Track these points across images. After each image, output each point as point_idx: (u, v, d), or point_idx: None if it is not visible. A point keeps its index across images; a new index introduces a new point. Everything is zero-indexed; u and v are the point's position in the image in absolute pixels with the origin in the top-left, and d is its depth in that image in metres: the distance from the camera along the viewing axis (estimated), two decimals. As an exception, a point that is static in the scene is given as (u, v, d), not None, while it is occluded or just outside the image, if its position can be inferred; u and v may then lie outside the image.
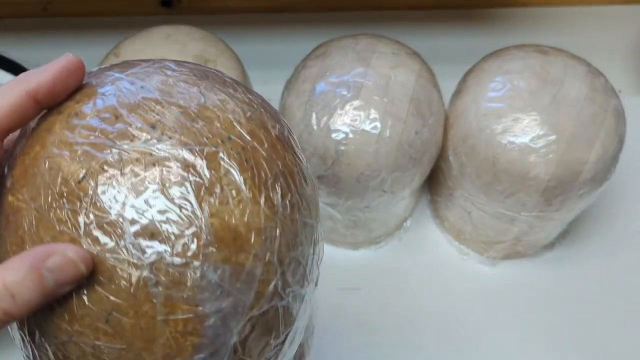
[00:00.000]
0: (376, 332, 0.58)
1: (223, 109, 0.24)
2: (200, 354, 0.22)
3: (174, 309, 0.21)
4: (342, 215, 0.57)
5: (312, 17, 0.81)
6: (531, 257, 0.62)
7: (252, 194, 0.22)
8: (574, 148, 0.49)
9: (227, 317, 0.22)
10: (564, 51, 0.54)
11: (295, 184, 0.24)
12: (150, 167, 0.22)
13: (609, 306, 0.59)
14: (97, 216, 0.21)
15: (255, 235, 0.22)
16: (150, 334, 0.21)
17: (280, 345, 0.25)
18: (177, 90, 0.24)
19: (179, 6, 0.80)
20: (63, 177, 0.22)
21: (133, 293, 0.21)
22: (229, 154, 0.22)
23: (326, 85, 0.51)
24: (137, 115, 0.23)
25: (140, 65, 0.25)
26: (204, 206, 0.21)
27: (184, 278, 0.21)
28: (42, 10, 0.80)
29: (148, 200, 0.21)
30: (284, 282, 0.23)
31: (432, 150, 0.54)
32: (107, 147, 0.22)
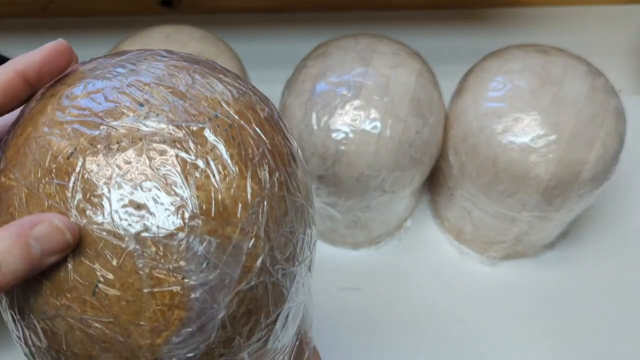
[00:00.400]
0: (376, 332, 0.58)
1: (211, 90, 0.24)
2: (187, 328, 0.22)
3: (159, 281, 0.21)
4: (342, 215, 0.57)
5: (312, 17, 0.81)
6: (531, 257, 0.62)
7: (238, 169, 0.23)
8: (574, 148, 0.49)
9: (214, 290, 0.22)
10: (564, 51, 0.54)
11: (283, 163, 0.25)
12: (138, 142, 0.22)
13: (609, 306, 0.59)
14: (85, 189, 0.22)
15: (242, 209, 0.22)
16: (137, 306, 0.21)
17: (272, 326, 0.25)
18: (166, 72, 0.25)
19: (179, 6, 0.80)
20: (52, 154, 0.22)
21: (119, 265, 0.21)
22: (216, 131, 0.23)
23: (326, 85, 0.51)
24: (126, 94, 0.23)
25: (132, 53, 0.26)
26: (190, 180, 0.22)
27: (170, 250, 0.21)
28: (42, 10, 0.80)
29: (134, 173, 0.22)
30: (272, 258, 0.23)
31: (433, 150, 0.54)
32: (96, 124, 0.22)
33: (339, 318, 0.58)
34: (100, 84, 0.24)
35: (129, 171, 0.22)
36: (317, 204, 0.57)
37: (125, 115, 0.23)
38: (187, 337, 0.22)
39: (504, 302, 0.60)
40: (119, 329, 0.21)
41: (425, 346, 0.57)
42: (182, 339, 0.22)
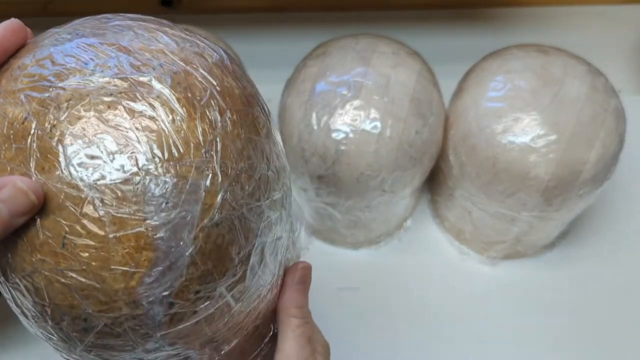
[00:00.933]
0: (376, 332, 0.58)
1: (156, 42, 0.25)
2: (157, 267, 0.23)
3: (123, 225, 0.22)
4: (342, 215, 0.57)
5: (312, 17, 0.81)
6: (531, 257, 0.62)
7: (186, 112, 0.24)
8: (574, 148, 0.49)
9: (177, 228, 0.23)
10: (564, 51, 0.54)
11: (235, 103, 0.25)
12: (85, 98, 0.23)
13: (609, 306, 0.59)
14: (41, 149, 0.23)
15: (194, 149, 0.23)
16: (105, 252, 0.22)
17: (246, 261, 0.25)
18: (111, 32, 0.26)
19: (179, 6, 0.80)
20: (9, 122, 0.23)
21: (81, 214, 0.22)
22: (160, 78, 0.24)
23: (326, 85, 0.51)
24: (72, 56, 0.24)
25: (80, 19, 0.28)
26: (139, 126, 0.23)
27: (128, 194, 0.22)
28: (42, 10, 0.79)
29: (85, 127, 0.23)
30: (233, 194, 0.24)
31: (432, 150, 0.54)
32: (45, 88, 0.24)
33: (338, 318, 0.58)
34: (47, 51, 0.25)
35: (80, 126, 0.23)
36: (317, 204, 0.57)
37: (72, 75, 0.24)
38: (158, 276, 0.23)
39: (504, 302, 0.60)
40: (92, 276, 0.22)
41: (425, 346, 0.57)
42: (154, 279, 0.23)
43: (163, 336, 0.24)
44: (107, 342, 0.24)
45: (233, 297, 0.26)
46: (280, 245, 0.29)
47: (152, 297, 0.23)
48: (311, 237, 0.38)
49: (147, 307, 0.23)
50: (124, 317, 0.23)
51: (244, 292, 0.26)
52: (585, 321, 0.58)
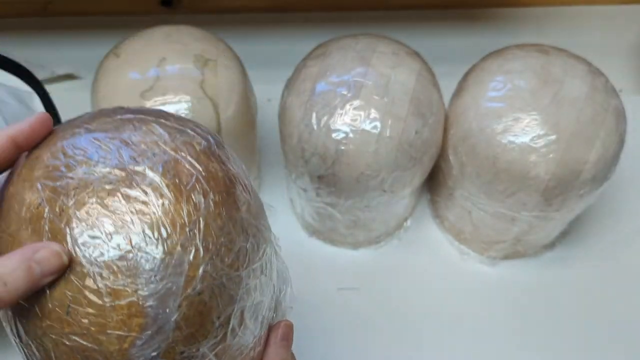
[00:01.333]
0: (376, 332, 0.58)
1: (151, 134, 0.30)
2: (147, 331, 0.26)
3: (118, 296, 0.26)
4: (342, 215, 0.57)
5: (312, 17, 0.81)
6: (531, 257, 0.62)
7: (174, 196, 0.27)
8: (575, 148, 0.49)
9: (164, 297, 0.26)
10: (565, 51, 0.54)
11: (218, 185, 0.29)
12: (90, 186, 0.27)
13: (609, 306, 0.59)
14: (52, 230, 0.27)
15: (179, 228, 0.27)
16: (102, 319, 0.26)
17: (226, 324, 0.29)
18: (113, 126, 0.30)
19: (179, 6, 0.80)
20: (26, 206, 0.28)
21: (83, 286, 0.26)
22: (153, 167, 0.28)
23: (326, 85, 0.51)
24: (80, 149, 0.29)
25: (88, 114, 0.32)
26: (133, 210, 0.27)
27: (122, 269, 0.26)
28: (42, 10, 0.79)
29: (88, 212, 0.27)
30: (214, 266, 0.28)
31: (432, 150, 0.54)
32: (57, 177, 0.28)
33: (339, 317, 0.58)
34: (60, 144, 0.29)
35: (84, 211, 0.27)
36: (317, 204, 0.57)
37: (80, 166, 0.28)
38: (148, 339, 0.26)
39: (503, 301, 0.60)
40: (91, 339, 0.26)
41: (425, 345, 0.57)
42: (144, 341, 0.26)
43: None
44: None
45: (216, 356, 0.29)
46: (261, 308, 0.32)
47: (143, 357, 0.27)
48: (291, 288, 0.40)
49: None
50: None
51: (225, 351, 0.29)
52: (585, 321, 0.58)
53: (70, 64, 0.74)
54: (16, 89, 0.60)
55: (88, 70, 0.64)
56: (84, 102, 0.60)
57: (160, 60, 0.53)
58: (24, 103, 0.59)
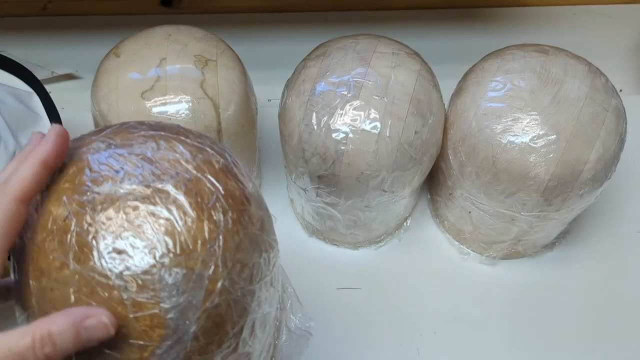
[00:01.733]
0: (376, 331, 0.58)
1: (173, 152, 0.31)
2: (167, 341, 0.27)
3: (141, 307, 0.27)
4: (342, 215, 0.57)
5: (312, 17, 0.81)
6: (531, 257, 0.62)
7: (196, 214, 0.28)
8: (575, 148, 0.49)
9: (184, 310, 0.27)
10: (565, 50, 0.54)
11: (236, 203, 0.30)
12: (115, 202, 0.28)
13: (609, 306, 0.59)
14: (78, 243, 0.27)
15: (201, 245, 0.28)
16: (126, 329, 0.27)
17: (239, 334, 0.30)
18: (136, 142, 0.31)
19: (179, 6, 0.80)
20: (53, 218, 0.28)
21: (109, 297, 0.27)
22: (176, 185, 0.29)
23: (326, 85, 0.51)
24: (105, 165, 0.29)
25: (110, 128, 0.33)
26: (158, 227, 0.28)
27: (146, 283, 0.27)
28: (42, 9, 0.80)
29: (114, 226, 0.28)
30: (231, 281, 0.29)
31: (432, 150, 0.54)
32: (84, 192, 0.29)
33: (339, 317, 0.58)
34: (85, 158, 0.30)
35: (110, 225, 0.28)
36: (317, 204, 0.57)
37: (106, 182, 0.29)
38: (167, 349, 0.28)
39: (503, 301, 0.60)
40: (115, 349, 0.27)
41: (424, 345, 0.57)
42: (164, 351, 0.28)
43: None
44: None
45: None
46: (268, 318, 0.34)
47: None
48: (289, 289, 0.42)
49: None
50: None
51: (236, 359, 0.31)
52: (585, 321, 0.58)
53: (70, 64, 0.74)
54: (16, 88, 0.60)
55: (88, 70, 0.64)
56: (84, 102, 0.60)
57: (161, 60, 0.53)
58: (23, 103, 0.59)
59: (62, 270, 0.28)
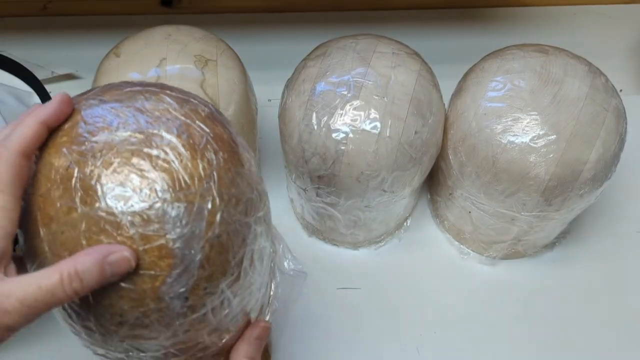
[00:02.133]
0: (376, 331, 0.58)
1: (161, 102, 0.33)
2: (175, 270, 0.30)
3: (149, 240, 0.29)
4: (342, 215, 0.57)
5: (312, 17, 0.81)
6: (531, 257, 0.62)
7: (190, 154, 0.31)
8: (575, 148, 0.49)
9: (189, 240, 0.30)
10: (565, 50, 0.54)
11: (225, 145, 0.33)
12: (114, 148, 0.30)
13: (609, 306, 0.59)
14: (83, 188, 0.29)
15: (197, 182, 0.30)
16: (138, 261, 0.29)
17: (240, 264, 0.33)
18: (126, 97, 0.33)
19: (179, 6, 0.80)
20: (55, 170, 0.30)
21: (118, 234, 0.29)
22: (169, 130, 0.31)
23: (326, 85, 0.51)
24: (99, 117, 0.32)
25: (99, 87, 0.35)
26: (156, 167, 0.30)
27: (151, 216, 0.29)
28: (42, 10, 0.80)
29: (116, 169, 0.30)
30: (228, 213, 0.31)
31: (432, 150, 0.54)
32: (82, 142, 0.31)
33: (339, 317, 0.58)
34: (78, 114, 0.32)
35: (112, 169, 0.30)
36: (317, 203, 0.57)
37: (102, 132, 0.31)
38: (177, 277, 0.30)
39: (503, 301, 0.60)
40: (127, 280, 0.29)
41: (425, 345, 0.57)
42: (174, 279, 0.30)
43: (180, 324, 0.32)
44: (137, 332, 0.31)
45: (232, 293, 0.33)
46: (265, 253, 0.36)
47: (172, 293, 0.30)
48: (295, 259, 0.44)
49: (168, 302, 0.30)
50: (151, 310, 0.30)
51: (239, 288, 0.33)
52: (585, 321, 0.59)
53: (70, 64, 0.74)
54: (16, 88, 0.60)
55: (88, 70, 0.64)
56: (84, 102, 0.60)
57: (161, 60, 0.53)
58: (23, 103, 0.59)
59: (71, 214, 0.29)
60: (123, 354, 0.34)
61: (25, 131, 0.31)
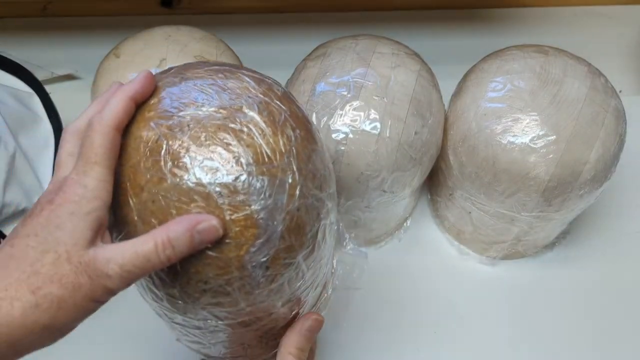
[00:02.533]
0: (376, 331, 0.58)
1: (241, 81, 0.34)
2: (259, 240, 0.31)
3: (236, 210, 0.31)
4: (342, 215, 0.57)
5: (312, 17, 0.81)
6: (531, 257, 0.62)
7: (271, 130, 0.32)
8: (574, 148, 0.49)
9: (272, 212, 0.31)
10: (564, 51, 0.54)
11: (301, 123, 0.34)
12: (200, 122, 0.32)
13: (609, 306, 0.59)
14: (172, 159, 0.31)
15: (279, 156, 0.32)
16: (225, 230, 0.30)
17: (314, 237, 0.34)
18: (206, 75, 0.34)
19: (179, 6, 0.80)
20: (144, 143, 0.32)
21: (207, 204, 0.30)
22: (250, 107, 0.33)
23: (326, 86, 0.51)
24: (185, 93, 0.33)
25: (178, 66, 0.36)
26: (240, 141, 0.31)
27: (237, 188, 0.31)
28: (41, 10, 0.80)
29: (202, 143, 0.31)
30: (306, 187, 0.33)
31: (432, 151, 0.54)
32: (169, 117, 0.32)
33: (339, 317, 0.58)
34: (164, 91, 0.34)
35: (199, 142, 0.31)
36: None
37: (188, 107, 0.32)
38: (260, 246, 0.31)
39: (503, 301, 0.60)
40: (214, 248, 0.31)
41: (425, 345, 0.57)
42: (257, 249, 0.31)
43: (259, 294, 0.33)
44: (219, 299, 0.33)
45: (306, 265, 0.34)
46: (332, 229, 0.38)
47: (255, 262, 0.31)
48: None
49: (251, 270, 0.32)
50: (234, 278, 0.32)
51: (312, 261, 0.35)
52: (585, 321, 0.59)
53: (70, 64, 0.74)
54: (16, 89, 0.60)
55: (88, 71, 0.64)
56: (84, 103, 0.60)
57: (161, 60, 0.53)
58: (24, 104, 0.59)
59: (161, 184, 0.31)
60: (201, 321, 0.35)
61: (116, 106, 0.32)
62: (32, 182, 0.56)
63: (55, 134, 0.59)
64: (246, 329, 0.36)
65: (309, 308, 0.41)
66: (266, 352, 0.42)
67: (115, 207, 0.32)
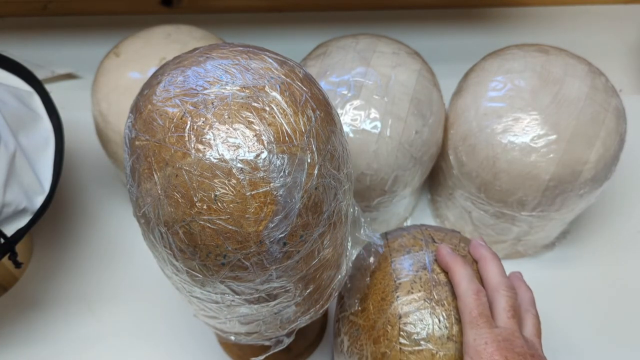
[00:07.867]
0: (376, 332, 0.58)
1: (264, 62, 0.35)
2: (277, 216, 0.32)
3: (256, 186, 0.31)
4: (342, 215, 0.57)
5: (312, 17, 0.81)
6: (531, 257, 0.62)
7: (292, 110, 0.33)
8: (575, 147, 0.49)
9: (291, 189, 0.32)
10: (565, 50, 0.54)
11: (321, 104, 0.35)
12: (224, 100, 0.32)
13: (609, 306, 0.59)
14: (197, 135, 0.32)
15: (299, 135, 0.33)
16: (244, 205, 0.31)
17: (331, 216, 0.35)
18: (230, 55, 0.35)
19: (179, 5, 0.80)
20: (169, 118, 0.33)
21: (228, 179, 0.31)
22: (272, 87, 0.34)
23: (327, 85, 0.51)
24: (210, 72, 0.34)
25: (203, 47, 0.37)
26: (262, 119, 0.32)
27: (258, 165, 0.31)
28: (42, 9, 0.80)
29: (226, 120, 0.32)
30: (324, 167, 0.33)
31: (433, 150, 0.54)
32: (194, 94, 0.33)
33: (339, 318, 0.58)
34: (189, 69, 0.35)
35: (223, 119, 0.32)
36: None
37: (213, 85, 0.33)
38: (278, 222, 0.32)
39: (504, 301, 0.60)
40: (234, 222, 0.31)
41: (425, 346, 0.57)
42: (275, 225, 0.32)
43: (276, 269, 0.34)
44: (237, 274, 0.33)
45: (322, 243, 0.35)
46: (348, 210, 0.38)
47: (273, 237, 0.32)
48: None
49: (269, 245, 0.32)
50: (252, 253, 0.32)
51: (328, 239, 0.36)
52: (585, 321, 0.58)
53: (70, 63, 0.74)
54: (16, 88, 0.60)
55: (88, 70, 0.64)
56: (84, 102, 0.60)
57: (161, 59, 0.53)
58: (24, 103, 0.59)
59: (185, 159, 0.31)
60: (219, 295, 0.36)
61: None
62: (32, 182, 0.56)
63: (55, 133, 0.59)
64: (262, 304, 0.37)
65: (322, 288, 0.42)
66: (281, 330, 0.42)
67: (139, 180, 0.33)
